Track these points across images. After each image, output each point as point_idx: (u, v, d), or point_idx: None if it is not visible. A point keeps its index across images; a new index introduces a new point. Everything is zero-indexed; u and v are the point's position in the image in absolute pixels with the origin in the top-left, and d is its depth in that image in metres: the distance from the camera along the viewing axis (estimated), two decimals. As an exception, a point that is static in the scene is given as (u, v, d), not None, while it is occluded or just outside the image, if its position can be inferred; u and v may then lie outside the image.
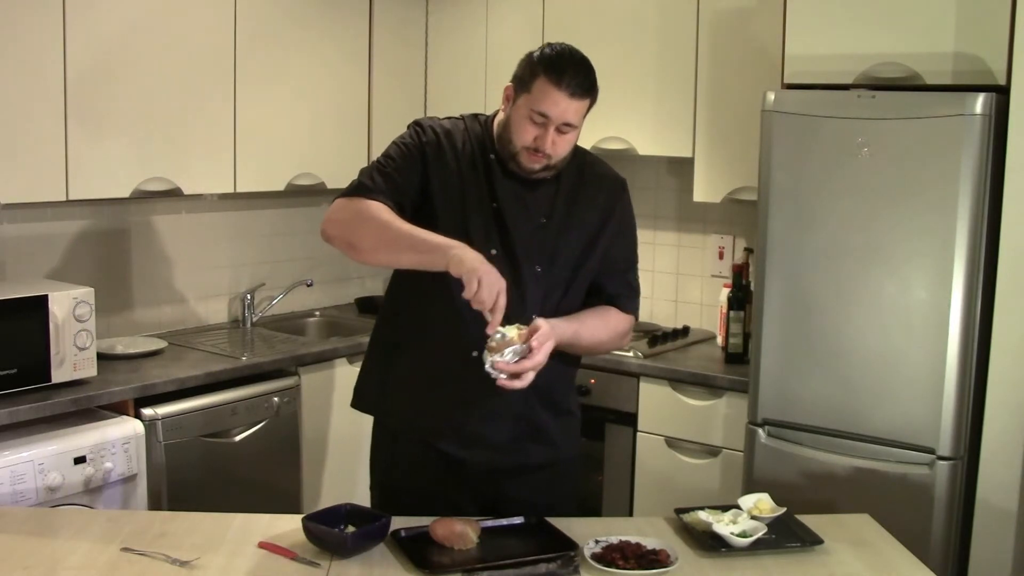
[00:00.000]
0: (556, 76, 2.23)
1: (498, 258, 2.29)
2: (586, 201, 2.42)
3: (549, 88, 2.23)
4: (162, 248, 3.83)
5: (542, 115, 2.24)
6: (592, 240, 2.41)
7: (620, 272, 2.47)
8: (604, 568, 2.05)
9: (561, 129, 2.26)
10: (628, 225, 2.51)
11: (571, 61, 2.27)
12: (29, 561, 2.05)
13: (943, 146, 2.83)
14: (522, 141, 2.28)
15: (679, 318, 4.15)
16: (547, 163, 2.30)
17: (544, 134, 2.26)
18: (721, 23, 3.60)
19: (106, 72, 3.22)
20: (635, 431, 3.61)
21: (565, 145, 2.30)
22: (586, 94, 2.27)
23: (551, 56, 2.27)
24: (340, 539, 2.11)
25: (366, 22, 4.08)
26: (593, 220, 2.42)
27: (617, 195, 2.48)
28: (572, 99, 2.24)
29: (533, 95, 2.25)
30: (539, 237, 2.36)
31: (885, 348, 2.96)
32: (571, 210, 2.40)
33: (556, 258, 2.37)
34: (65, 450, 2.83)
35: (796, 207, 3.08)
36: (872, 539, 2.30)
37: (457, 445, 2.38)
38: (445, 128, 2.39)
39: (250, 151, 3.68)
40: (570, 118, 2.26)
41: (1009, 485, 2.87)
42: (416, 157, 2.35)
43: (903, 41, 3.04)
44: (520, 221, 2.35)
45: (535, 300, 2.34)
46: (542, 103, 2.24)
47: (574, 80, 2.24)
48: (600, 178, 2.46)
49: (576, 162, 2.42)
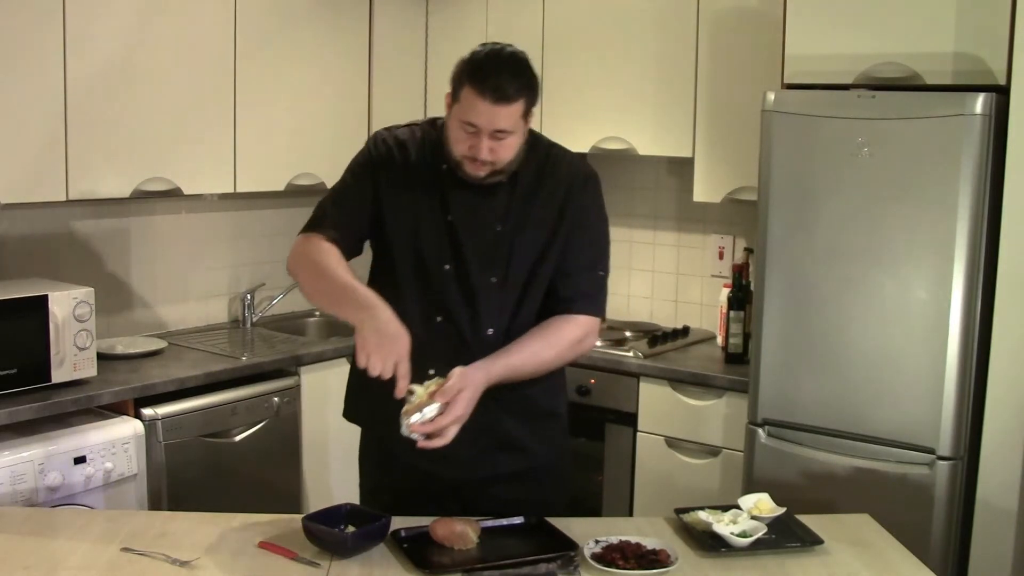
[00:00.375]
0: (479, 84, 2.14)
1: (451, 273, 2.28)
2: (543, 201, 2.33)
3: (473, 97, 2.14)
4: (162, 248, 3.83)
5: (471, 124, 2.17)
6: (548, 241, 2.33)
7: (580, 271, 2.36)
8: (604, 568, 2.05)
9: (495, 136, 2.18)
10: (589, 219, 2.39)
11: (496, 65, 2.16)
12: (29, 561, 2.05)
13: (943, 146, 2.83)
14: (458, 151, 2.22)
15: (679, 318, 4.15)
16: (492, 169, 2.23)
17: (477, 143, 2.18)
18: (721, 23, 3.60)
19: (106, 72, 3.22)
20: (635, 431, 3.61)
21: (506, 150, 2.21)
22: (513, 99, 2.15)
23: (476, 62, 2.18)
24: (340, 539, 2.11)
25: (366, 23, 4.08)
26: (549, 219, 2.33)
27: (576, 189, 2.36)
28: (498, 106, 2.14)
29: (462, 104, 2.18)
30: (494, 246, 2.30)
31: (885, 348, 2.96)
32: (527, 212, 2.32)
33: (512, 265, 2.31)
34: (65, 450, 2.83)
35: (796, 207, 3.08)
36: (872, 539, 2.30)
37: (421, 458, 2.30)
38: (400, 140, 2.35)
39: (250, 151, 3.68)
40: (500, 125, 2.16)
41: (1009, 485, 2.87)
42: (367, 182, 2.34)
43: (903, 41, 3.04)
44: (474, 231, 2.29)
45: (491, 313, 2.30)
46: (468, 113, 2.16)
47: (498, 86, 2.13)
48: (560, 174, 2.36)
49: (536, 160, 2.34)
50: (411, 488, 2.39)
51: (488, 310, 2.30)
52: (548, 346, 2.32)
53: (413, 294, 2.32)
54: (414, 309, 2.30)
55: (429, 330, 2.29)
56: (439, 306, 2.31)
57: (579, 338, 2.36)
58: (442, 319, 2.31)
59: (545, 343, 2.32)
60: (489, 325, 2.30)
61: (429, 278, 2.31)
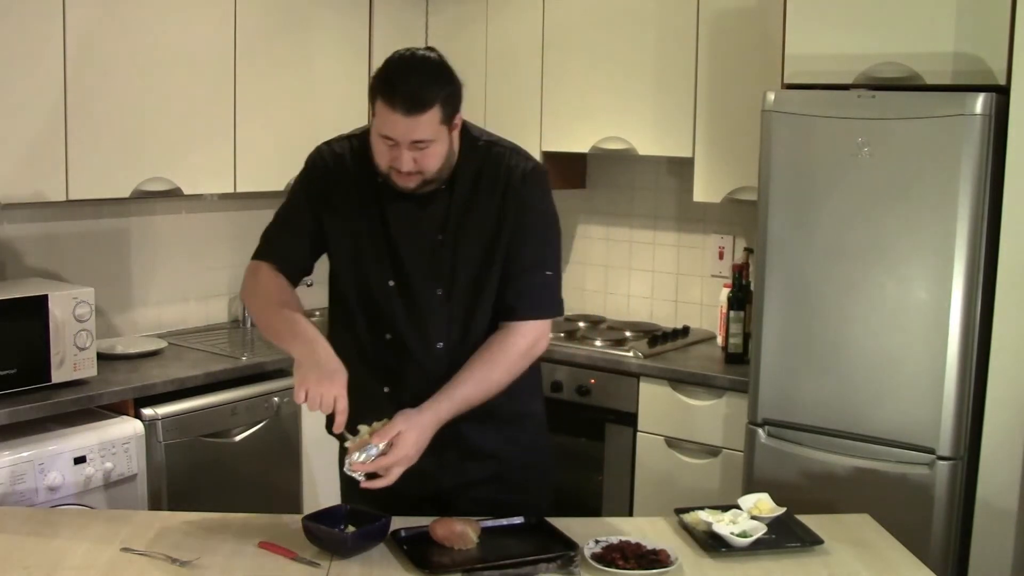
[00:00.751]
0: (389, 97, 2.06)
1: (395, 289, 2.25)
2: (483, 204, 2.24)
3: (385, 110, 2.08)
4: (162, 248, 3.83)
5: (387, 138, 2.11)
6: (492, 246, 2.24)
7: (523, 274, 2.26)
8: (604, 568, 2.05)
9: (415, 147, 2.10)
10: (530, 217, 2.27)
11: (406, 74, 2.09)
12: (29, 561, 2.05)
13: (943, 146, 2.83)
14: (381, 165, 2.16)
15: (679, 318, 4.15)
16: (422, 179, 2.16)
17: (398, 155, 2.11)
18: (721, 23, 3.60)
19: (106, 72, 3.22)
20: (635, 431, 3.61)
21: (430, 159, 2.14)
22: (427, 107, 2.07)
23: (386, 72, 2.11)
24: (340, 539, 2.11)
25: (366, 23, 4.08)
26: (490, 224, 2.24)
27: (514, 187, 2.25)
28: (411, 116, 2.06)
29: (377, 118, 2.11)
30: (437, 257, 2.24)
31: (885, 348, 2.96)
32: (467, 219, 2.24)
33: (457, 277, 2.24)
34: (65, 450, 2.83)
35: (796, 207, 3.08)
36: (872, 539, 2.30)
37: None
38: (338, 154, 2.30)
39: (250, 151, 3.68)
40: (417, 135, 2.08)
41: (1009, 485, 2.87)
42: (307, 204, 2.32)
43: (903, 41, 3.04)
44: (414, 243, 2.24)
45: (439, 327, 2.26)
46: (383, 126, 2.10)
47: (409, 95, 2.05)
48: (499, 174, 2.26)
49: (475, 164, 2.25)
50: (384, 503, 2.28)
51: (435, 324, 2.26)
52: (495, 367, 2.23)
53: (361, 312, 2.30)
54: (363, 327, 2.29)
55: (379, 348, 2.27)
56: (387, 323, 2.27)
57: (527, 347, 2.27)
58: (391, 336, 2.27)
59: (491, 365, 2.23)
60: (438, 340, 2.25)
61: (374, 295, 2.27)
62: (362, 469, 2.05)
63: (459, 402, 2.18)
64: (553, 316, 2.33)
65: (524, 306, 2.27)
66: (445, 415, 2.15)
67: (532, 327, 2.28)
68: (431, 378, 2.23)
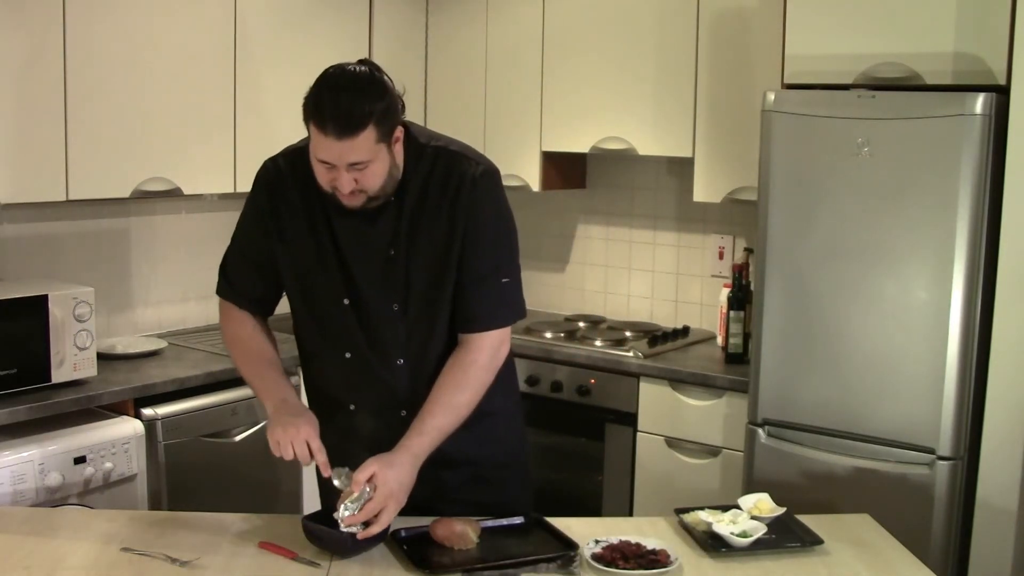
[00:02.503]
0: (320, 122, 2.00)
1: (350, 308, 2.21)
2: (432, 214, 2.17)
3: (318, 135, 2.01)
4: (162, 248, 3.83)
5: (324, 162, 2.05)
6: (444, 257, 2.18)
7: (478, 283, 2.19)
8: (604, 568, 2.05)
9: (353, 168, 2.03)
10: (482, 223, 2.18)
11: (333, 96, 2.01)
12: (29, 561, 2.05)
13: (943, 146, 2.83)
14: (325, 185, 2.09)
15: (679, 318, 4.15)
16: (366, 197, 2.09)
17: (337, 176, 2.05)
18: (721, 23, 3.60)
19: (106, 72, 3.22)
20: (635, 431, 3.61)
21: (371, 178, 2.06)
22: (359, 129, 1.99)
23: (317, 94, 2.04)
24: (340, 539, 2.11)
25: (366, 23, 4.08)
26: (441, 233, 2.17)
27: (465, 193, 2.16)
28: (343, 140, 1.99)
29: (312, 142, 2.05)
30: (389, 272, 2.18)
31: (885, 348, 2.96)
32: (417, 232, 2.17)
33: (411, 291, 2.18)
34: (65, 450, 2.83)
35: (796, 207, 3.08)
36: (872, 539, 2.30)
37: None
38: (284, 171, 2.24)
39: (250, 151, 3.67)
40: (352, 158, 2.01)
41: (1009, 485, 2.87)
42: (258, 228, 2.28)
43: (903, 41, 3.04)
44: (366, 260, 2.18)
45: (398, 343, 2.22)
46: (318, 151, 2.04)
47: (338, 121, 1.98)
48: (448, 181, 2.17)
49: (422, 171, 2.17)
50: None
51: (394, 340, 2.22)
52: (460, 390, 2.18)
53: (319, 332, 2.27)
54: (323, 347, 2.27)
55: (341, 367, 2.25)
56: (345, 342, 2.23)
57: (488, 360, 2.22)
58: (351, 355, 2.24)
59: (456, 388, 2.18)
60: (398, 356, 2.22)
61: (330, 314, 2.23)
62: (354, 521, 2.03)
63: (433, 433, 2.13)
64: (514, 322, 2.27)
65: (482, 318, 2.21)
66: (419, 450, 2.11)
67: (491, 337, 2.22)
68: (395, 394, 2.22)
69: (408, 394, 2.23)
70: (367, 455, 2.09)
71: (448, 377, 2.20)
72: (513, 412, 2.45)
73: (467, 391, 2.19)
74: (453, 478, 2.32)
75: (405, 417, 2.20)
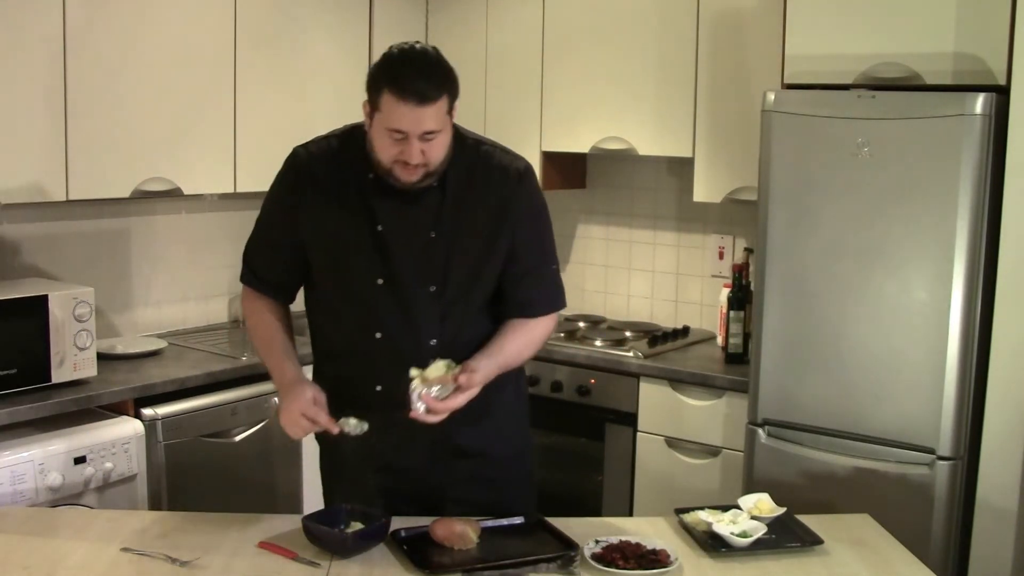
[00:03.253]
0: (399, 89, 2.08)
1: (384, 287, 2.24)
2: (476, 203, 2.26)
3: (395, 103, 2.08)
4: (162, 248, 3.83)
5: (397, 131, 2.11)
6: (489, 244, 2.26)
7: (530, 271, 2.32)
8: (604, 568, 2.05)
9: (424, 137, 2.11)
10: (531, 216, 2.32)
11: (412, 66, 2.11)
12: (29, 561, 2.05)
13: (943, 146, 2.83)
14: (388, 158, 2.15)
15: (679, 318, 4.15)
16: (425, 171, 2.17)
17: (407, 148, 2.11)
18: (721, 23, 3.60)
19: (106, 72, 3.22)
20: (635, 431, 3.61)
21: (437, 149, 2.15)
22: (435, 97, 2.10)
23: (390, 66, 2.13)
24: (340, 539, 2.11)
25: (366, 22, 4.08)
26: (487, 222, 2.26)
27: (512, 187, 2.28)
28: (422, 107, 2.08)
29: (384, 113, 2.11)
30: (429, 254, 2.23)
31: (885, 348, 2.96)
32: (461, 217, 2.24)
33: (451, 274, 2.24)
34: (65, 450, 2.82)
35: (796, 207, 3.08)
36: (872, 539, 2.30)
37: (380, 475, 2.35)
38: (317, 155, 2.30)
39: (250, 151, 3.68)
40: (427, 126, 2.10)
41: (1009, 485, 2.87)
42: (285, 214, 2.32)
43: (903, 41, 3.04)
44: (406, 241, 2.23)
45: (431, 323, 2.26)
46: (392, 120, 2.10)
47: (418, 87, 2.07)
48: (491, 173, 2.28)
49: (465, 161, 2.26)
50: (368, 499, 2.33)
51: (428, 321, 2.25)
52: (527, 345, 2.33)
53: (348, 312, 2.30)
54: (351, 327, 2.29)
55: (370, 347, 2.27)
56: (376, 321, 2.26)
57: (547, 335, 2.39)
58: (381, 335, 2.27)
59: (526, 342, 2.33)
60: (431, 336, 2.25)
61: (362, 294, 2.26)
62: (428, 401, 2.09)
63: (501, 363, 2.25)
64: (562, 308, 2.42)
65: (539, 303, 2.35)
66: (487, 371, 2.20)
67: (549, 320, 2.39)
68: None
69: None
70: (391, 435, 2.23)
71: (521, 332, 2.32)
72: (522, 412, 2.50)
73: (530, 352, 2.35)
74: (462, 469, 2.35)
75: None
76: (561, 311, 2.45)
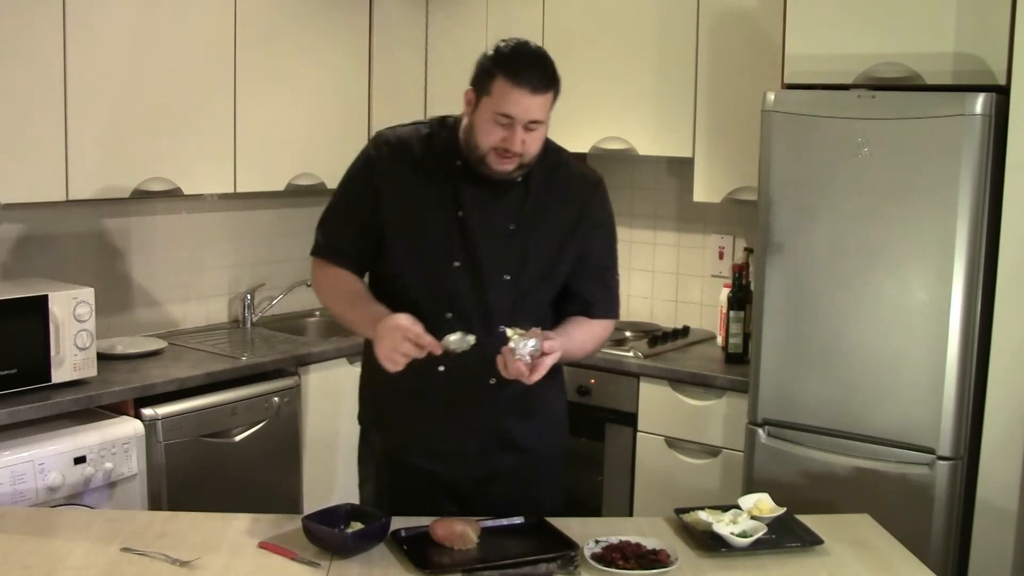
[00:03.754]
0: (514, 75, 2.18)
1: (461, 270, 2.29)
2: (557, 203, 2.36)
3: (509, 88, 2.18)
4: (162, 248, 3.83)
5: (506, 116, 2.19)
6: (564, 244, 2.37)
7: (596, 274, 2.42)
8: (604, 568, 2.05)
9: (528, 127, 2.21)
10: (603, 224, 2.44)
11: (528, 57, 2.23)
12: (29, 561, 2.05)
13: (943, 146, 2.83)
14: (489, 143, 2.22)
15: (679, 318, 4.15)
16: (519, 162, 2.25)
17: (511, 135, 2.20)
18: (721, 23, 3.60)
19: (106, 71, 3.22)
20: (635, 431, 3.61)
21: (535, 142, 2.25)
22: (547, 88, 2.22)
23: (507, 54, 2.22)
24: (340, 539, 2.11)
25: (366, 22, 4.08)
26: (565, 223, 2.37)
27: (590, 194, 2.41)
28: (534, 95, 2.19)
29: (494, 97, 2.20)
30: (508, 244, 2.32)
31: (885, 348, 2.96)
32: (541, 214, 2.35)
33: (526, 265, 2.32)
34: (65, 450, 2.83)
35: (796, 207, 3.08)
36: (872, 539, 2.30)
37: (428, 459, 2.39)
38: (403, 138, 2.36)
39: (250, 151, 3.68)
40: (535, 115, 2.21)
41: (1009, 485, 2.87)
42: (365, 189, 2.36)
43: (903, 41, 3.04)
44: (487, 229, 2.30)
45: (503, 310, 2.31)
46: (504, 104, 2.19)
47: (533, 76, 2.19)
48: (572, 178, 2.41)
49: (548, 164, 2.37)
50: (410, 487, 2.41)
51: (501, 306, 2.31)
52: (588, 340, 2.40)
53: (420, 290, 2.33)
54: (422, 306, 2.31)
55: (438, 326, 2.29)
56: (448, 302, 2.32)
57: (606, 337, 2.47)
58: (452, 315, 2.31)
59: (590, 336, 2.40)
60: (501, 321, 2.29)
61: (438, 274, 2.31)
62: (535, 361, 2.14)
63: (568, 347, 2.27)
64: (617, 318, 2.49)
65: (600, 305, 2.43)
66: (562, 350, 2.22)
67: (609, 324, 2.46)
68: (487, 359, 2.26)
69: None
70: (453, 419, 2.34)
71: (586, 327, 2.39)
72: (564, 415, 2.56)
73: (591, 346, 2.43)
74: (507, 461, 2.41)
75: (493, 385, 2.31)
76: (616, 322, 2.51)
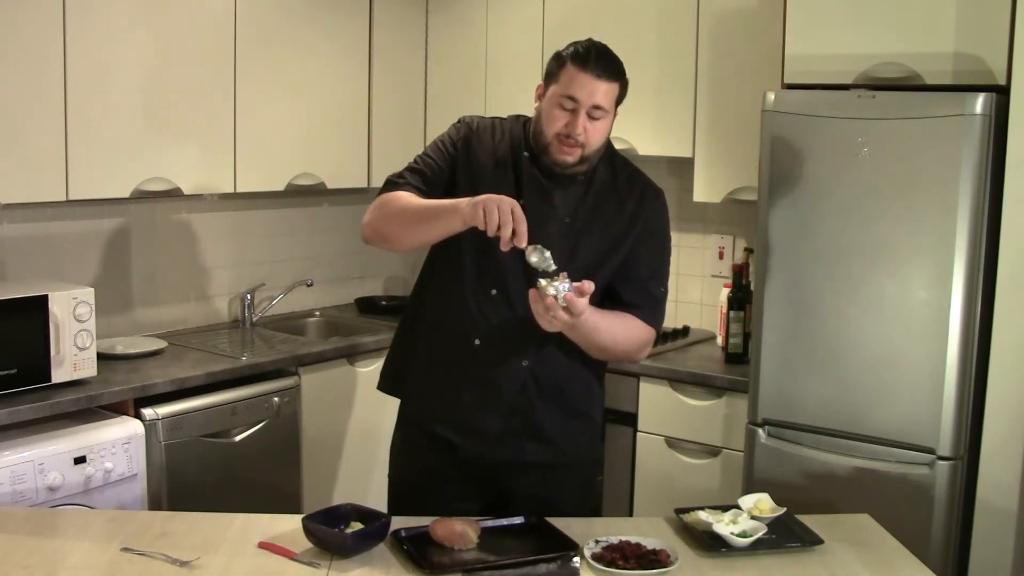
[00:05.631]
0: (582, 61, 2.30)
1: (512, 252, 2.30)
2: (614, 204, 2.43)
3: (576, 72, 2.29)
4: (162, 248, 3.83)
5: (571, 99, 2.29)
6: (615, 244, 2.42)
7: (641, 280, 2.46)
8: (604, 568, 2.05)
9: (592, 114, 2.30)
10: (656, 233, 2.50)
11: (597, 50, 2.34)
12: (29, 561, 2.05)
13: (943, 146, 2.83)
14: (553, 128, 2.32)
15: (679, 318, 4.15)
16: (581, 153, 2.33)
17: (575, 119, 2.30)
18: (721, 23, 3.60)
19: (106, 72, 3.22)
20: (635, 431, 3.61)
21: (598, 133, 2.33)
22: (614, 77, 2.32)
23: (577, 47, 2.35)
24: (340, 539, 2.11)
25: (366, 22, 4.08)
26: (619, 224, 2.43)
27: (648, 202, 2.48)
28: (599, 80, 2.29)
29: (561, 83, 2.31)
30: (560, 236, 2.37)
31: (885, 348, 2.96)
32: (597, 212, 2.42)
33: (576, 258, 2.37)
34: (65, 450, 2.83)
35: (796, 207, 3.08)
36: (872, 539, 2.30)
37: (451, 430, 2.43)
38: (483, 125, 2.49)
39: (250, 151, 3.68)
40: (599, 100, 2.29)
41: (1009, 485, 2.87)
42: (448, 151, 2.45)
43: (903, 41, 3.04)
44: (543, 218, 2.35)
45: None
46: (570, 87, 2.29)
47: (600, 64, 2.30)
48: (632, 183, 2.48)
49: (612, 166, 2.46)
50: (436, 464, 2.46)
51: None
52: (624, 329, 2.40)
53: (472, 265, 2.39)
54: (471, 279, 2.38)
55: (482, 302, 2.37)
56: (496, 279, 2.38)
57: (644, 342, 2.45)
58: (497, 292, 2.38)
59: (622, 324, 2.40)
60: None
61: (492, 251, 2.32)
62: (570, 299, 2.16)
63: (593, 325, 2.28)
64: (658, 331, 2.49)
65: (643, 308, 2.44)
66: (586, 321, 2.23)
67: (649, 330, 2.45)
68: (525, 338, 2.32)
69: (538, 343, 2.38)
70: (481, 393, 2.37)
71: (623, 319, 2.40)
72: (598, 425, 2.59)
73: (622, 336, 2.40)
74: (533, 452, 2.44)
75: (527, 367, 2.39)
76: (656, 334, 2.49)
